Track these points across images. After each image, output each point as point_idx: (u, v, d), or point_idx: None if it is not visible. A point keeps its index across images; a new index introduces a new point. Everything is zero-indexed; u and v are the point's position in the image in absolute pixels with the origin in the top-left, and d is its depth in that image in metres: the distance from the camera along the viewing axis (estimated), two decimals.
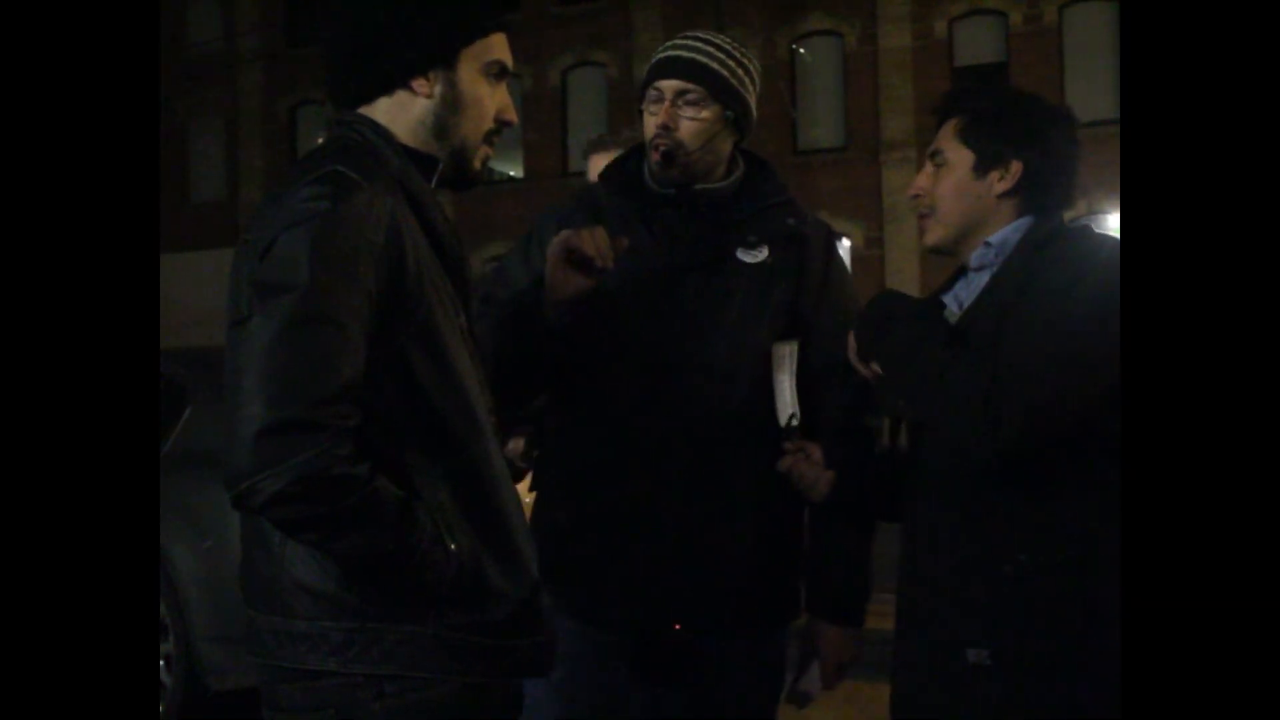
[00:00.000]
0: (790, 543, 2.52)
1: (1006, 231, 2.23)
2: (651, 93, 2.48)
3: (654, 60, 2.53)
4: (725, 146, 2.51)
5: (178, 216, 24.50)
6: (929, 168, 2.30)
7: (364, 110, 1.93)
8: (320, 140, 2.00)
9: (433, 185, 1.94)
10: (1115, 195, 19.27)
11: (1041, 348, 2.04)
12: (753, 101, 2.53)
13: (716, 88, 2.45)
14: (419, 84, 1.91)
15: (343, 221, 1.70)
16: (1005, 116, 2.25)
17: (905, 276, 20.80)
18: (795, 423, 2.40)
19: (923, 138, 21.04)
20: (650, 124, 2.47)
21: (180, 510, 4.86)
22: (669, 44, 2.54)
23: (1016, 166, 2.21)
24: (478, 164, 1.99)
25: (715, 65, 2.46)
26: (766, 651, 2.54)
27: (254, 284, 1.69)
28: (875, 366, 2.28)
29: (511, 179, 23.49)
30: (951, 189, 2.26)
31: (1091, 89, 19.97)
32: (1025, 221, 2.23)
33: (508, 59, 1.98)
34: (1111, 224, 20.30)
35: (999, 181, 2.22)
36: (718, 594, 2.42)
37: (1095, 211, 20.25)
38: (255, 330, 1.65)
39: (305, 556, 1.75)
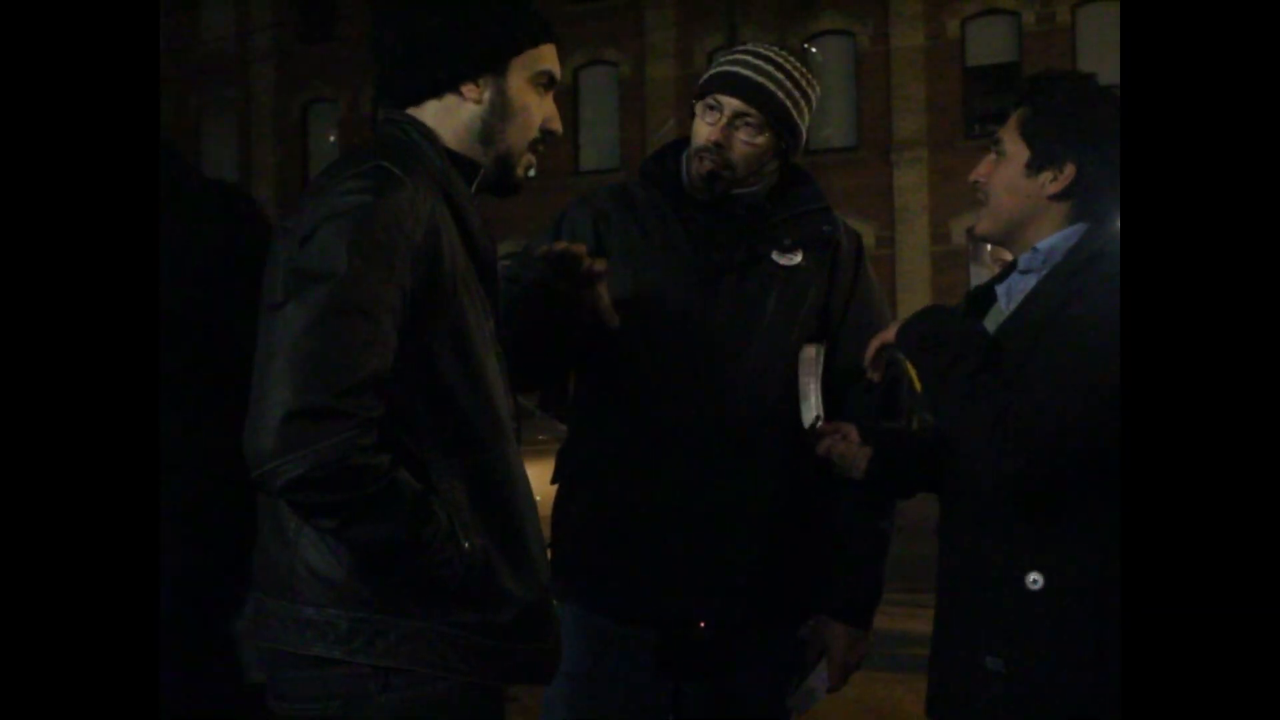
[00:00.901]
0: (809, 541, 2.53)
1: (1056, 239, 2.18)
2: (711, 101, 2.47)
3: (720, 68, 2.51)
4: (769, 169, 2.52)
5: None
6: (991, 155, 2.24)
7: (412, 111, 1.94)
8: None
9: (473, 190, 1.95)
10: None
11: (1062, 377, 2.01)
12: (806, 129, 2.52)
13: (776, 116, 2.46)
14: (468, 89, 1.93)
15: (383, 215, 1.73)
16: (1068, 114, 2.16)
17: (916, 276, 20.77)
18: (820, 425, 2.41)
19: (934, 138, 21.05)
20: (703, 132, 2.47)
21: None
22: (737, 54, 2.52)
23: (1070, 169, 2.15)
24: (521, 171, 2.01)
25: (781, 94, 2.45)
26: (785, 648, 2.55)
27: (291, 271, 1.71)
28: (874, 375, 2.29)
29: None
30: (1004, 183, 2.21)
31: None
32: (1077, 230, 2.17)
33: (557, 70, 2.02)
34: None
35: (1051, 182, 2.16)
36: (742, 590, 2.44)
37: None
38: (289, 316, 1.68)
39: (318, 543, 1.76)
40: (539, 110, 2.00)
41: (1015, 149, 2.19)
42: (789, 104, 2.46)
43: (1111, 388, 1.94)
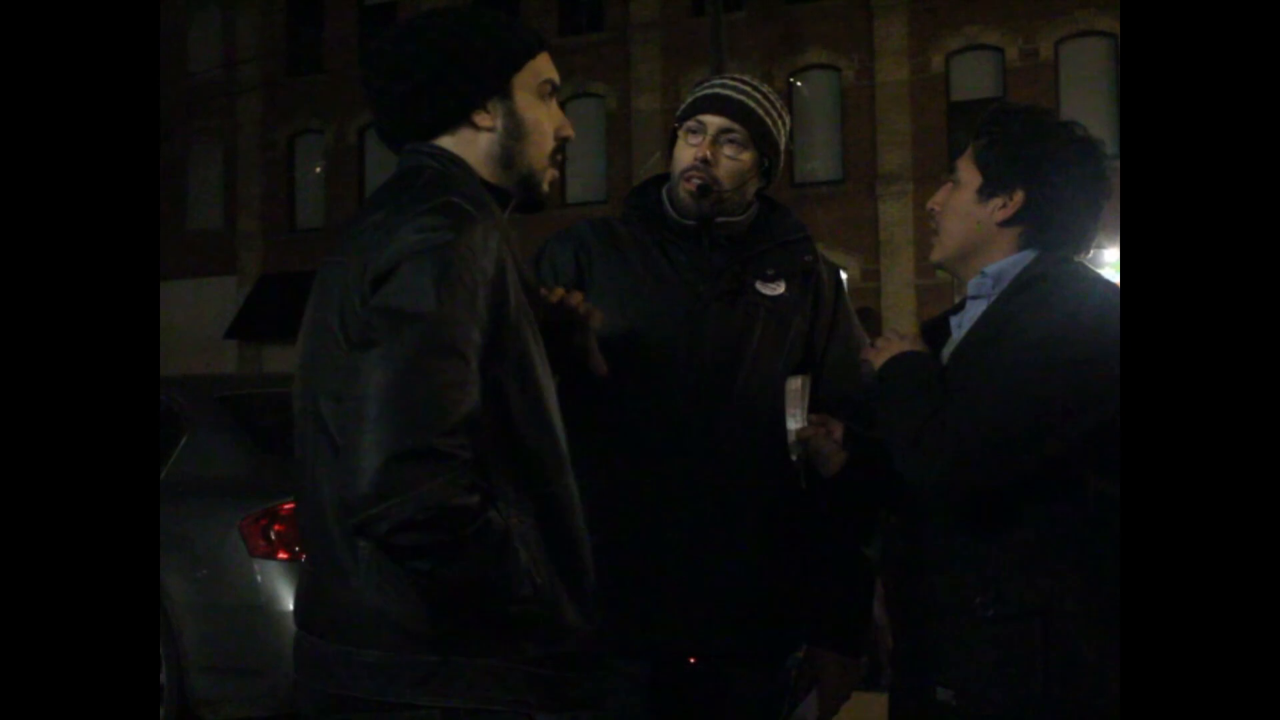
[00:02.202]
0: (798, 571, 2.53)
1: (1005, 263, 2.20)
2: (693, 124, 2.51)
3: (700, 93, 2.56)
4: (752, 190, 2.56)
5: (174, 244, 24.53)
6: (948, 184, 2.28)
7: (447, 144, 1.92)
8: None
9: (505, 215, 1.94)
10: (1112, 228, 19.33)
11: (998, 389, 2.04)
12: (782, 152, 2.57)
13: (759, 133, 2.50)
14: (480, 117, 1.92)
15: (463, 253, 1.72)
16: (1020, 144, 2.19)
17: (901, 309, 20.83)
18: (805, 452, 2.41)
19: (919, 171, 21.14)
20: (688, 154, 2.50)
21: (175, 539, 4.83)
22: (717, 80, 2.58)
23: (1019, 196, 2.18)
24: (545, 186, 2.01)
25: (760, 112, 2.51)
26: (773, 681, 2.55)
27: (378, 311, 1.69)
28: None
29: None
30: (956, 209, 2.24)
31: (1086, 123, 19.98)
32: (1026, 255, 2.20)
33: (555, 75, 2.00)
34: (1109, 258, 20.37)
35: (1000, 209, 2.19)
36: (733, 623, 2.44)
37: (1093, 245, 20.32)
38: (383, 357, 1.66)
39: (384, 585, 1.73)
40: (549, 121, 1.98)
41: (969, 176, 2.23)
42: (769, 121, 2.51)
43: (1056, 401, 1.99)
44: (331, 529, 1.76)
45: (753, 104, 2.50)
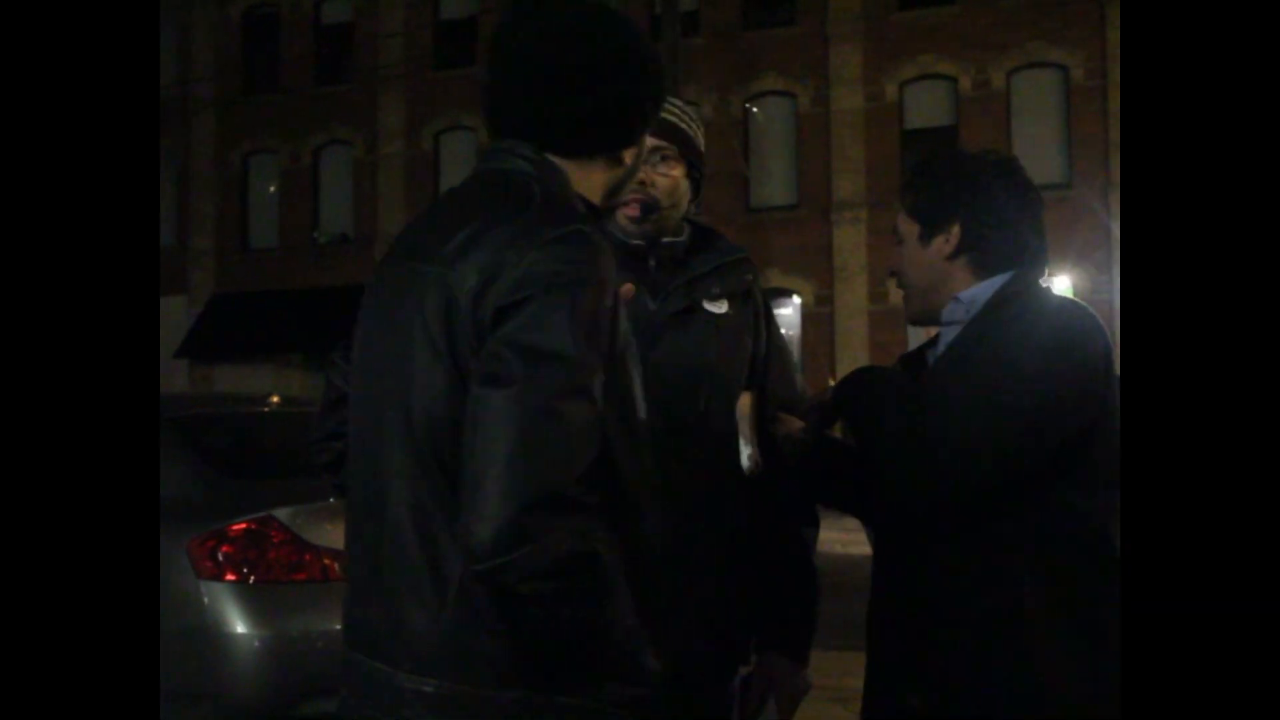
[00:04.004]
0: (751, 586, 2.55)
1: (978, 288, 2.27)
2: None
3: None
4: (685, 202, 2.60)
5: None
6: (896, 246, 2.37)
7: (559, 160, 1.85)
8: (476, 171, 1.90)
9: None
10: (1061, 257, 19.57)
11: (971, 403, 2.09)
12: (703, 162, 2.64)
13: (686, 147, 2.56)
14: (628, 153, 1.90)
15: (595, 289, 1.65)
16: (943, 181, 2.30)
17: (854, 335, 20.97)
18: (759, 470, 2.44)
19: (873, 198, 21.34)
20: None
21: None
22: None
23: (956, 229, 2.27)
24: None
25: (684, 126, 2.56)
26: (724, 700, 2.56)
27: (511, 345, 1.61)
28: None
29: None
30: (908, 261, 2.34)
31: (1038, 152, 20.32)
32: (998, 280, 2.26)
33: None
34: (1060, 285, 20.60)
35: (944, 245, 2.28)
36: (698, 634, 2.44)
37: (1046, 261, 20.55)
38: (517, 398, 1.57)
39: (470, 618, 1.66)
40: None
41: (908, 229, 2.34)
42: (691, 133, 2.57)
43: (1030, 414, 2.04)
44: (414, 553, 1.69)
45: (675, 119, 2.54)
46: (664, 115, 2.52)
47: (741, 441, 2.44)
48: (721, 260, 2.60)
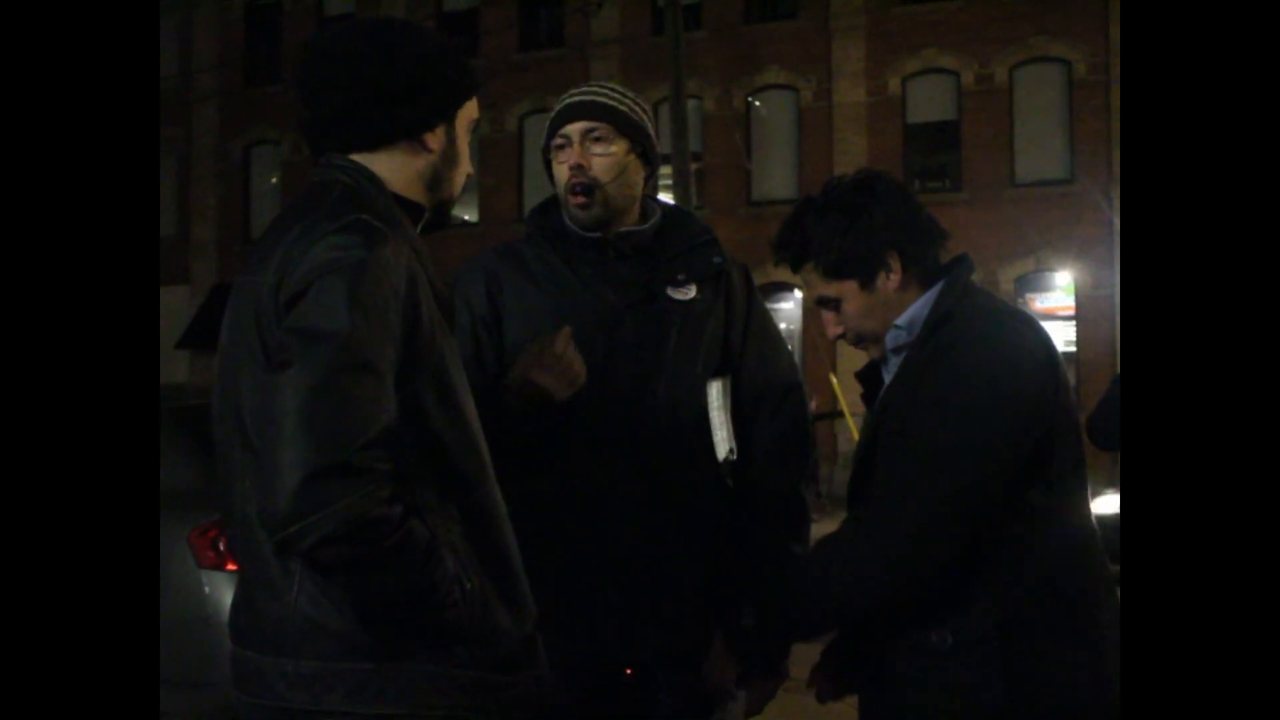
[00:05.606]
0: (725, 572, 2.55)
1: (913, 310, 2.22)
2: (558, 141, 2.55)
3: (554, 113, 2.59)
4: (638, 180, 2.57)
5: None
6: (828, 314, 2.27)
7: (359, 158, 1.94)
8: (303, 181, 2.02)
9: (417, 232, 1.98)
10: (1064, 252, 19.55)
11: (905, 475, 2.08)
12: (654, 136, 2.60)
13: (620, 122, 2.52)
14: (430, 138, 1.95)
15: (376, 270, 1.73)
16: (843, 230, 2.19)
17: None
18: (733, 456, 2.44)
19: None
20: (562, 170, 2.54)
21: None
22: (564, 97, 2.60)
23: (894, 256, 2.19)
24: (451, 211, 2.08)
25: (614, 103, 2.54)
26: (700, 683, 2.54)
27: (291, 331, 1.70)
28: None
29: (467, 223, 23.52)
30: (859, 314, 2.24)
31: (1040, 147, 20.30)
32: (931, 295, 2.21)
33: (477, 117, 2.06)
34: (1061, 281, 20.59)
35: (889, 278, 2.21)
36: (662, 627, 2.45)
37: (1044, 269, 20.53)
38: (296, 376, 1.66)
39: (318, 597, 1.76)
40: (467, 156, 2.05)
41: (839, 289, 2.23)
42: (624, 109, 2.54)
43: (990, 440, 2.02)
44: (261, 544, 1.77)
45: (603, 99, 2.53)
46: (589, 98, 2.53)
47: (714, 427, 2.44)
48: (687, 245, 2.59)
